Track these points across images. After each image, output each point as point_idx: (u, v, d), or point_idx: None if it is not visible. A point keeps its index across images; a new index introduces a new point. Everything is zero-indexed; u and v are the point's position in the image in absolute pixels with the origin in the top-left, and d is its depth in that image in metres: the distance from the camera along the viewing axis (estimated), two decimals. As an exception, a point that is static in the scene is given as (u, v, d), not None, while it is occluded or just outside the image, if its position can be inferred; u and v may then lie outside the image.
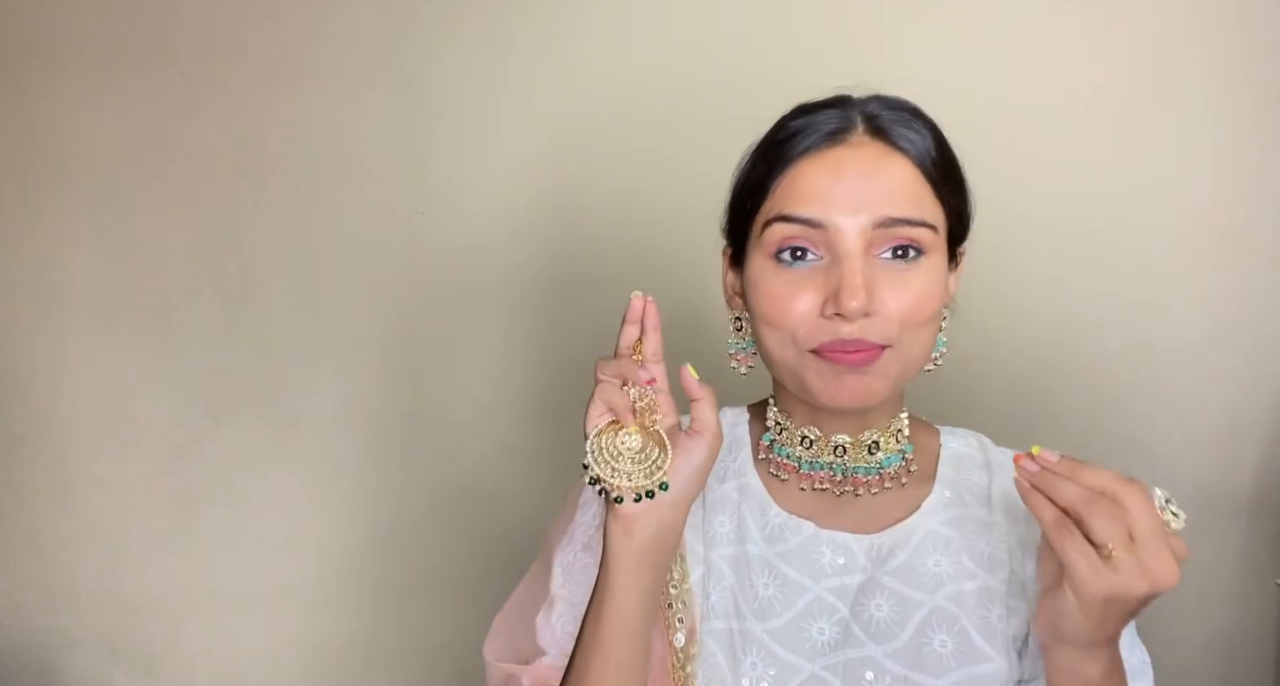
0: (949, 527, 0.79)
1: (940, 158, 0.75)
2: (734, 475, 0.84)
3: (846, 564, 0.78)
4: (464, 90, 1.51)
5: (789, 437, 0.82)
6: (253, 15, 1.56)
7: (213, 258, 1.61)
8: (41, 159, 1.64)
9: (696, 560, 0.80)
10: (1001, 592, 0.76)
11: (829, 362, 0.72)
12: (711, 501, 0.82)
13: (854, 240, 0.71)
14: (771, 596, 0.77)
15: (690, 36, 1.44)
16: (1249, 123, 1.30)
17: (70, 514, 1.68)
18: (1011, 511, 0.79)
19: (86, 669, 1.70)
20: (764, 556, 0.79)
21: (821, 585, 0.78)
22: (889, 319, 0.72)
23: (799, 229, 0.72)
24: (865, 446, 0.80)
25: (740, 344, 0.82)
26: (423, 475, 1.59)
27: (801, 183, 0.73)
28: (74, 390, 1.66)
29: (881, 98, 0.76)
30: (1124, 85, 1.32)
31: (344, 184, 1.56)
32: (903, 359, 0.74)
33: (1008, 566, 0.77)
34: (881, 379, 0.73)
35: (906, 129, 0.74)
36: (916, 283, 0.72)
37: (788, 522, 0.80)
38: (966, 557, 0.77)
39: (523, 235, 1.52)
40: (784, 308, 0.73)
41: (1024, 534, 0.78)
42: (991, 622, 0.75)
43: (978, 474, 0.82)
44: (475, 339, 1.55)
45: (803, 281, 0.73)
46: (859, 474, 0.80)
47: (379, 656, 1.64)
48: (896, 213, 0.71)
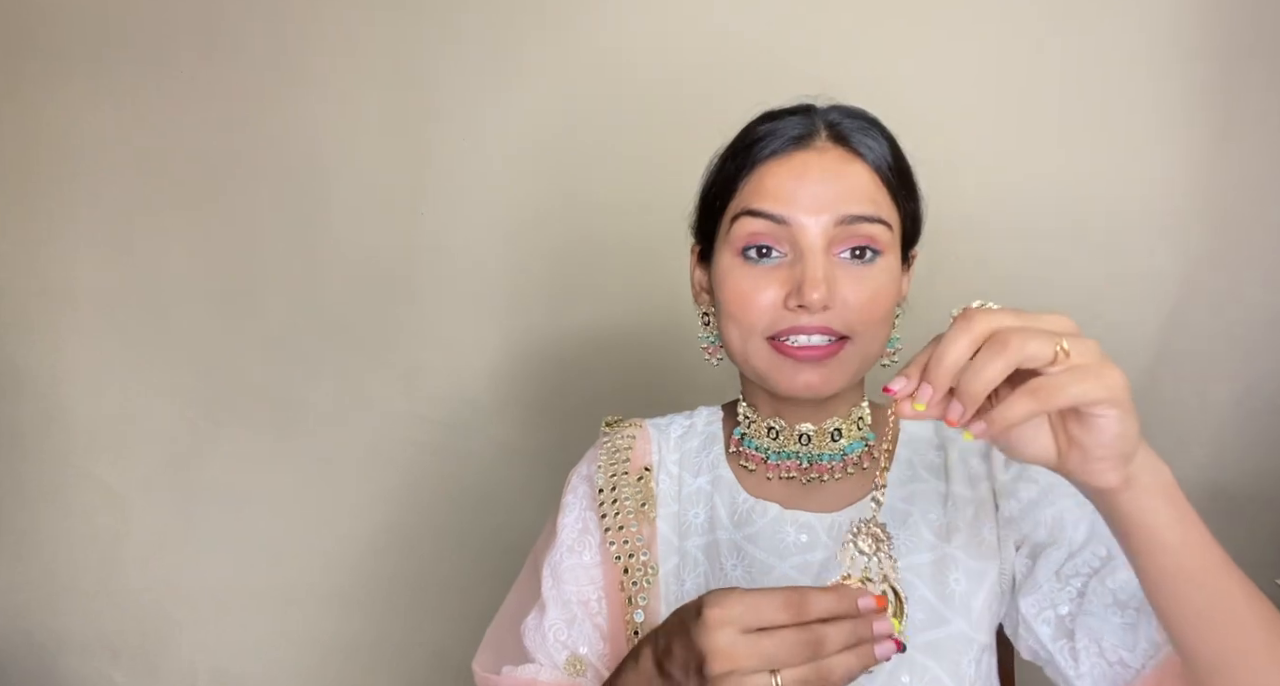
0: (906, 503, 0.83)
1: (895, 164, 0.81)
2: (708, 469, 0.89)
3: (809, 541, 0.82)
4: (464, 90, 1.51)
5: (756, 430, 0.87)
6: (253, 15, 1.56)
7: (213, 257, 1.61)
8: (41, 159, 1.64)
9: (670, 550, 0.85)
10: (959, 558, 0.80)
11: (789, 358, 0.78)
12: (686, 494, 0.88)
13: (816, 237, 0.76)
14: (739, 577, 0.82)
15: (691, 36, 1.44)
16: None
17: (70, 514, 1.68)
18: (970, 480, 0.83)
19: (86, 669, 1.70)
20: (733, 540, 0.84)
21: (786, 563, 0.82)
22: (848, 312, 0.77)
23: (764, 224, 0.78)
24: (828, 433, 0.85)
25: (709, 337, 0.87)
26: (423, 475, 1.59)
27: (768, 182, 0.79)
28: (74, 390, 1.66)
29: (841, 107, 0.82)
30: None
31: (344, 184, 1.56)
32: (860, 353, 0.79)
33: (964, 532, 0.81)
34: (839, 371, 0.79)
35: (865, 136, 0.80)
36: (873, 280, 0.78)
37: (755, 506, 0.85)
38: (925, 529, 0.82)
39: (522, 235, 1.52)
40: (749, 302, 0.78)
41: (983, 496, 0.83)
42: (949, 587, 0.79)
43: (933, 452, 0.86)
44: (476, 339, 1.55)
45: (767, 277, 0.78)
46: (824, 461, 0.85)
47: (379, 656, 1.64)
48: (856, 210, 0.77)
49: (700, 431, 0.92)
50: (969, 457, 0.85)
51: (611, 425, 0.95)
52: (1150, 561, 0.60)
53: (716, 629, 0.57)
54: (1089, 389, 0.53)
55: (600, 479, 0.89)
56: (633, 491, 0.87)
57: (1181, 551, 0.59)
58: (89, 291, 1.64)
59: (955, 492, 0.83)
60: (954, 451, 0.86)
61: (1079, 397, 0.53)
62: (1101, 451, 0.56)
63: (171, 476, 1.65)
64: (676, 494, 0.88)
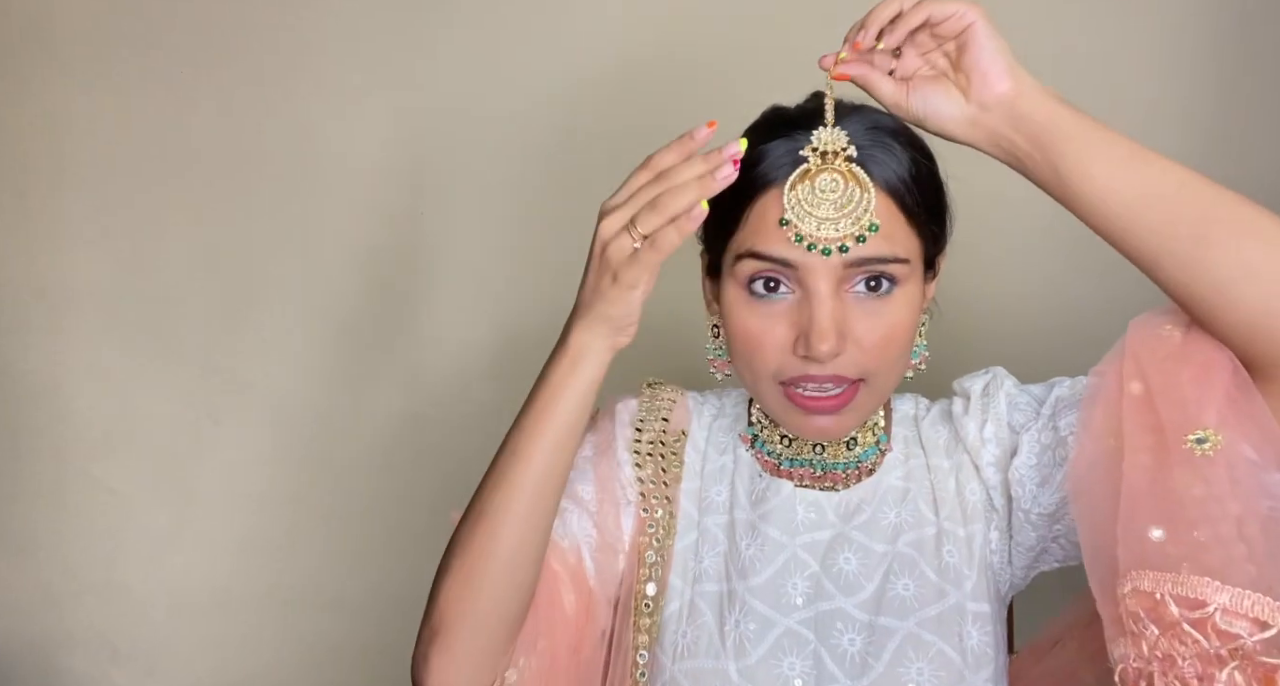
0: (904, 480, 0.84)
1: (917, 181, 0.75)
2: (731, 448, 0.89)
3: (818, 519, 0.83)
4: (464, 90, 1.51)
5: (769, 434, 0.86)
6: (253, 15, 1.56)
7: (213, 257, 1.61)
8: (41, 159, 1.63)
9: (690, 524, 0.85)
10: (948, 528, 0.81)
11: (801, 408, 0.75)
12: (709, 471, 0.87)
13: (824, 280, 0.72)
14: (753, 556, 0.82)
15: (693, 35, 1.44)
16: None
17: (70, 514, 1.68)
18: (947, 448, 0.85)
19: (86, 669, 1.70)
20: (749, 519, 0.84)
21: (796, 541, 0.82)
22: (861, 354, 0.74)
23: (770, 266, 0.74)
24: (844, 442, 0.84)
25: (717, 351, 0.84)
26: (424, 475, 1.59)
27: (770, 217, 0.73)
28: (74, 390, 1.66)
29: (858, 114, 0.76)
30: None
31: (344, 184, 1.56)
32: (877, 392, 0.77)
33: (949, 503, 0.82)
34: (854, 415, 0.77)
35: (882, 153, 0.74)
36: (890, 315, 0.74)
37: (770, 484, 0.84)
38: (922, 504, 0.83)
39: (523, 235, 1.52)
40: (757, 345, 0.75)
41: (959, 461, 0.84)
42: (944, 560, 0.80)
43: (916, 428, 0.87)
44: (476, 339, 1.56)
45: (776, 317, 0.74)
46: (838, 469, 0.84)
47: (379, 656, 1.64)
48: (867, 253, 0.72)
49: (729, 412, 0.91)
50: (938, 426, 0.86)
51: (653, 386, 0.93)
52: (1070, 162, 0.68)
53: (600, 221, 0.70)
54: (945, 3, 0.69)
55: (640, 426, 0.88)
56: (667, 450, 0.87)
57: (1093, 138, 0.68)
58: (89, 291, 1.64)
59: (934, 465, 0.84)
60: (923, 423, 0.87)
61: (940, 7, 0.69)
62: (986, 61, 0.69)
63: (171, 476, 1.65)
64: (700, 470, 0.87)
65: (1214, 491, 0.62)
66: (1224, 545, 0.61)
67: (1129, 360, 0.71)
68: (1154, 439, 0.66)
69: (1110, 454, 0.68)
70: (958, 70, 0.71)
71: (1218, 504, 0.62)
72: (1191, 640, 0.60)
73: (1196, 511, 0.62)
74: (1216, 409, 0.65)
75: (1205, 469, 0.63)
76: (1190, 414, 0.65)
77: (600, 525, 0.83)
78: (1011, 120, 0.70)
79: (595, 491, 0.85)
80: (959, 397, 0.86)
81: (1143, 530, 0.63)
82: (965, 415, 0.84)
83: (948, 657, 0.77)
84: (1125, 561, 0.64)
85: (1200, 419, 0.65)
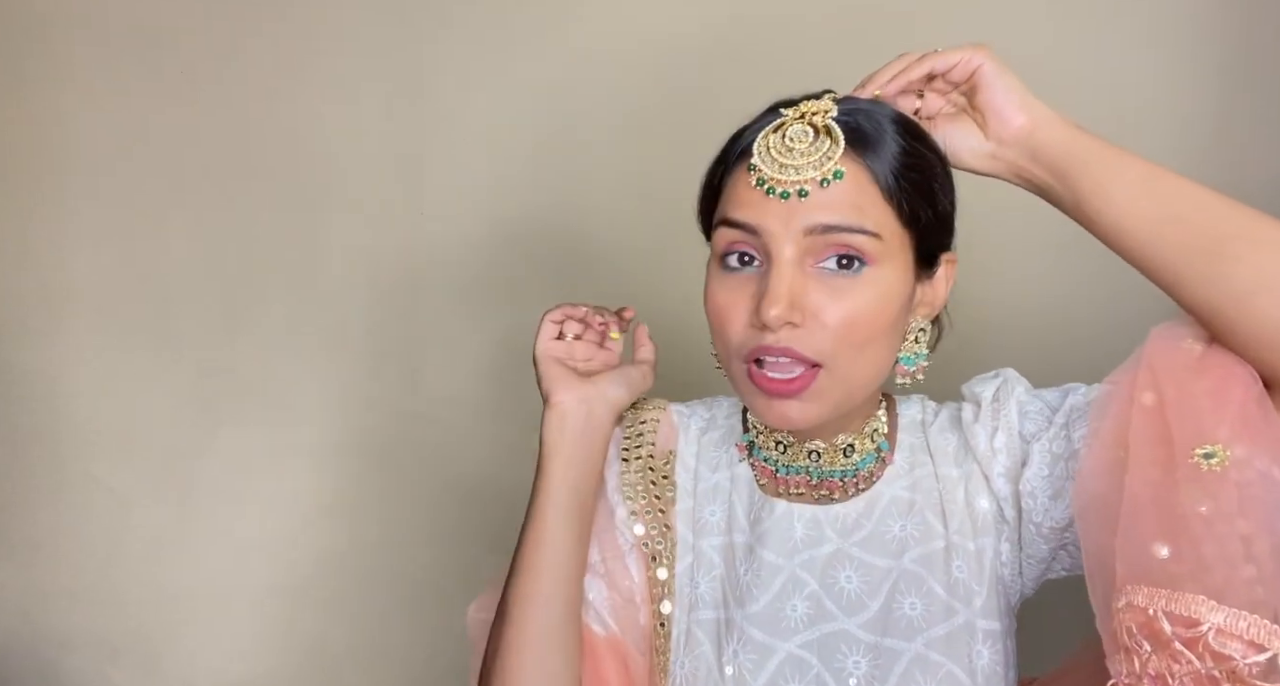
0: (910, 491, 0.80)
1: (905, 164, 0.72)
2: (725, 465, 0.85)
3: (816, 535, 0.80)
4: (464, 90, 1.50)
5: (765, 441, 0.83)
6: (253, 15, 1.56)
7: (213, 257, 1.60)
8: (41, 158, 1.63)
9: (685, 548, 0.82)
10: (957, 543, 0.78)
11: (761, 391, 0.72)
12: (703, 490, 0.84)
13: (787, 246, 0.70)
14: (750, 582, 0.79)
15: (693, 34, 1.43)
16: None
17: (70, 514, 1.68)
18: (956, 457, 0.81)
19: (86, 669, 1.70)
20: (747, 542, 0.81)
21: (794, 561, 0.79)
22: (820, 332, 0.70)
23: (740, 234, 0.72)
24: (840, 449, 0.80)
25: None
26: (423, 475, 1.59)
27: (740, 188, 0.73)
28: (74, 390, 1.66)
29: (846, 102, 0.74)
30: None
31: (344, 184, 1.56)
32: (841, 381, 0.72)
33: (958, 516, 0.79)
34: (816, 405, 0.73)
35: (869, 126, 0.72)
36: (856, 296, 0.70)
37: (765, 502, 0.82)
38: (930, 515, 0.79)
39: (523, 235, 1.52)
40: (724, 318, 0.74)
41: (969, 471, 0.80)
42: (953, 575, 0.77)
43: (923, 434, 0.83)
44: (476, 339, 1.55)
45: (741, 289, 0.73)
46: (834, 477, 0.81)
47: (379, 656, 1.64)
48: (830, 219, 0.69)
49: (720, 424, 0.88)
50: (946, 432, 0.82)
51: (635, 407, 0.89)
52: (1089, 188, 0.70)
53: None
54: (949, 54, 0.74)
55: (625, 456, 0.86)
56: (657, 475, 0.85)
57: (1110, 163, 0.70)
58: (89, 291, 1.64)
59: (943, 474, 0.80)
60: (931, 430, 0.83)
61: (942, 59, 0.74)
62: (1000, 98, 0.73)
63: (171, 476, 1.65)
64: (692, 489, 0.84)
65: (1221, 508, 0.60)
66: (1229, 564, 0.59)
67: (1144, 370, 0.68)
68: (1163, 452, 0.64)
69: (1117, 465, 0.66)
70: (974, 109, 0.75)
71: (1225, 521, 0.60)
72: (1185, 659, 0.58)
73: (1201, 528, 0.60)
74: (1230, 423, 0.63)
75: (1213, 485, 0.61)
76: (1203, 427, 0.63)
77: (613, 584, 0.82)
78: (1029, 153, 0.73)
79: (599, 550, 0.84)
80: (969, 403, 0.83)
81: (1144, 545, 0.61)
82: (975, 423, 0.80)
83: (957, 679, 0.74)
84: (1122, 575, 0.62)
85: (1213, 433, 0.63)
